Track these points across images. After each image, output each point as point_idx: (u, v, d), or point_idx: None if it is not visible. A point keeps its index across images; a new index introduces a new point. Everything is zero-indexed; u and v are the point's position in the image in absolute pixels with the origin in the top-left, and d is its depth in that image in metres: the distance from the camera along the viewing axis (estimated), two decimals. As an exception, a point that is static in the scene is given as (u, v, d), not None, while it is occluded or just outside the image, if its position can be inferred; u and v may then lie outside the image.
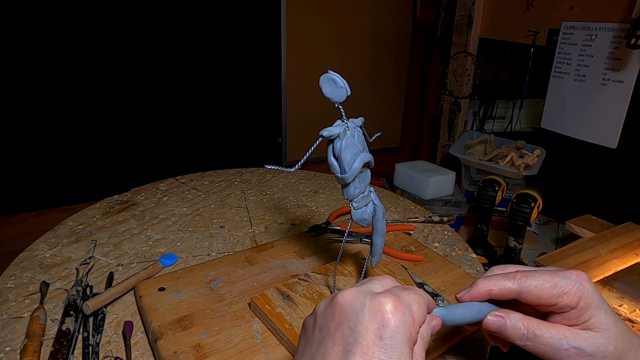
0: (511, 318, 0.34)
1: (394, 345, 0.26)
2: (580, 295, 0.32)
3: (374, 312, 0.27)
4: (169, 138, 1.44)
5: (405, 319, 0.27)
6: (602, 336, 0.32)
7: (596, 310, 0.32)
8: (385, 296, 0.28)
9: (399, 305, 0.27)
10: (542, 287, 0.33)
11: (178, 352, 0.43)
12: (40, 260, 0.61)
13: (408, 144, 2.10)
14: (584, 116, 1.30)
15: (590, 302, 0.32)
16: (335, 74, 0.36)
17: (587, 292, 0.32)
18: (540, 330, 0.33)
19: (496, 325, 0.34)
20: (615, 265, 0.98)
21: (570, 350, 0.32)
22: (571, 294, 0.32)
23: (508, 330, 0.34)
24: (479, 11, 1.60)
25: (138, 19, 1.28)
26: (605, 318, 0.32)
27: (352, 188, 0.40)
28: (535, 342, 0.33)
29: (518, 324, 0.34)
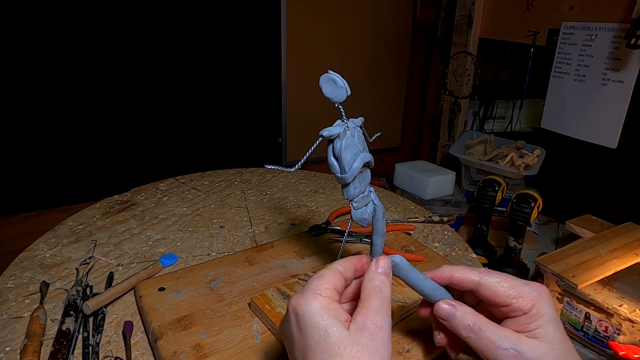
0: (462, 309, 0.35)
1: (310, 326, 0.30)
2: (535, 303, 0.33)
3: (288, 315, 0.33)
4: (169, 138, 1.44)
5: (306, 298, 0.32)
6: (544, 346, 0.32)
7: (546, 323, 0.33)
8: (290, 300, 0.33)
9: (298, 294, 0.32)
10: (501, 284, 0.34)
11: (178, 352, 0.43)
12: (40, 260, 0.61)
13: (408, 144, 2.10)
14: (584, 116, 1.30)
15: (543, 314, 0.33)
16: (335, 74, 0.36)
17: (543, 303, 0.33)
18: (486, 326, 0.34)
19: (446, 312, 0.35)
20: (615, 265, 0.98)
21: (509, 351, 0.32)
22: (526, 299, 0.33)
23: (456, 319, 0.35)
24: (479, 11, 1.61)
25: (138, 19, 1.28)
26: (553, 332, 0.33)
27: (352, 188, 0.40)
28: (478, 336, 0.34)
29: (467, 316, 0.35)
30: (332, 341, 0.30)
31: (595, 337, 0.96)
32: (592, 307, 0.95)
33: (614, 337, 0.92)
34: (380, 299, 0.33)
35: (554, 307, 0.35)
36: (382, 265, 0.35)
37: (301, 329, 0.31)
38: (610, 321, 0.92)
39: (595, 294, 0.94)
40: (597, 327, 0.95)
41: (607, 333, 0.93)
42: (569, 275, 0.95)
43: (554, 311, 0.34)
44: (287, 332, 0.33)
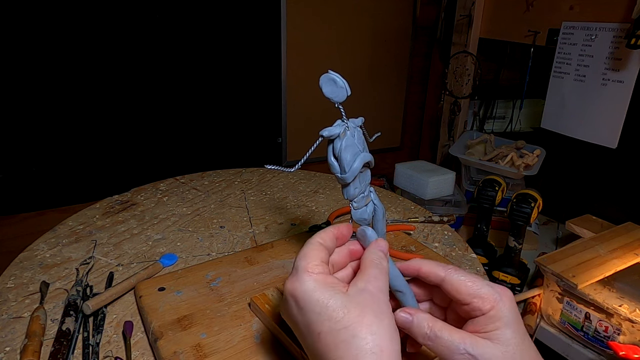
0: (418, 316, 0.36)
1: (309, 303, 0.31)
2: (494, 305, 0.34)
3: (286, 301, 0.33)
4: (169, 138, 1.44)
5: (300, 280, 0.32)
6: (498, 349, 0.33)
7: (503, 326, 0.33)
8: (284, 285, 0.34)
9: (290, 278, 0.33)
10: (464, 283, 0.35)
11: (178, 352, 0.43)
12: (40, 260, 0.61)
13: (408, 144, 2.10)
14: (584, 116, 1.30)
15: (501, 316, 0.34)
16: (335, 74, 0.36)
17: (502, 305, 0.34)
18: (442, 332, 0.34)
19: (403, 320, 0.36)
20: (615, 265, 0.98)
21: (465, 355, 0.33)
22: (486, 300, 0.34)
23: (413, 328, 0.35)
24: (479, 11, 1.61)
25: (138, 19, 1.28)
26: (510, 336, 0.33)
27: (352, 188, 0.40)
28: (435, 343, 0.34)
29: (423, 323, 0.35)
30: (334, 308, 0.31)
31: (595, 337, 0.96)
32: (592, 307, 0.95)
33: (614, 337, 0.92)
34: (379, 269, 0.34)
35: (516, 311, 0.35)
36: (380, 244, 0.37)
37: (301, 308, 0.32)
38: (610, 321, 0.92)
39: (595, 294, 0.94)
40: (597, 327, 0.95)
41: (607, 333, 0.93)
42: (569, 275, 0.95)
43: (514, 315, 0.34)
44: (290, 315, 0.34)
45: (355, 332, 0.30)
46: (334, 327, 0.30)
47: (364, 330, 0.30)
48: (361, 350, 0.29)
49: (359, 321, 0.30)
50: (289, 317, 0.34)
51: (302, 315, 0.32)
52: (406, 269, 0.39)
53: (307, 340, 0.32)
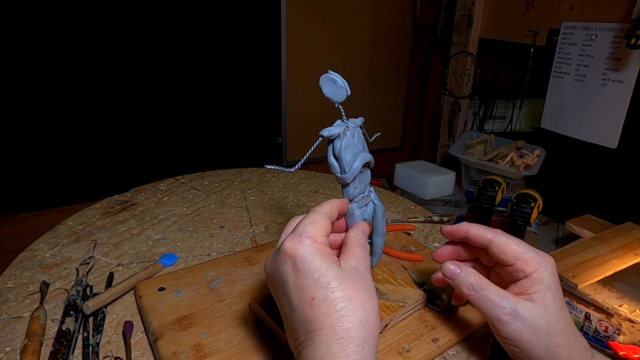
0: (466, 270, 0.39)
1: (308, 268, 0.32)
2: (537, 269, 0.36)
3: (283, 258, 0.34)
4: (169, 138, 1.44)
5: (303, 244, 0.33)
6: (538, 309, 0.35)
7: (545, 288, 0.36)
8: (284, 241, 0.34)
9: (293, 238, 0.34)
10: (510, 245, 0.38)
11: (178, 352, 0.43)
12: (40, 260, 0.61)
13: (408, 144, 2.10)
14: (584, 116, 1.30)
15: (543, 280, 0.36)
16: (335, 74, 0.36)
17: (545, 270, 0.36)
18: (487, 286, 0.37)
19: (451, 271, 0.40)
20: (615, 265, 0.98)
21: (506, 309, 0.36)
22: (530, 263, 0.36)
23: (460, 278, 0.39)
24: (479, 11, 1.60)
25: (138, 19, 1.28)
26: (550, 299, 0.36)
27: (352, 188, 0.40)
28: (479, 294, 0.37)
29: (469, 276, 0.39)
30: (333, 278, 0.32)
31: (595, 337, 0.96)
32: (592, 307, 0.95)
33: (614, 337, 0.92)
34: (365, 250, 0.37)
35: (557, 277, 0.37)
36: (365, 227, 0.40)
37: (298, 270, 0.33)
38: (610, 321, 0.92)
39: (595, 294, 0.94)
40: (597, 327, 0.95)
41: (607, 333, 0.93)
42: (569, 275, 0.95)
43: (554, 280, 0.36)
44: (281, 274, 0.34)
45: (350, 305, 0.31)
46: (329, 296, 0.31)
47: (358, 305, 0.32)
48: (354, 323, 0.31)
49: (354, 296, 0.32)
50: (279, 275, 0.34)
51: (298, 277, 0.33)
52: (455, 231, 0.42)
53: (295, 303, 0.32)
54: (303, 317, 0.32)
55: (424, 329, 0.47)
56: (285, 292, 0.33)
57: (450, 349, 0.47)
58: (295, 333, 0.33)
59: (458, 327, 0.48)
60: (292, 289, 0.33)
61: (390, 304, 0.48)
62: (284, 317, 0.35)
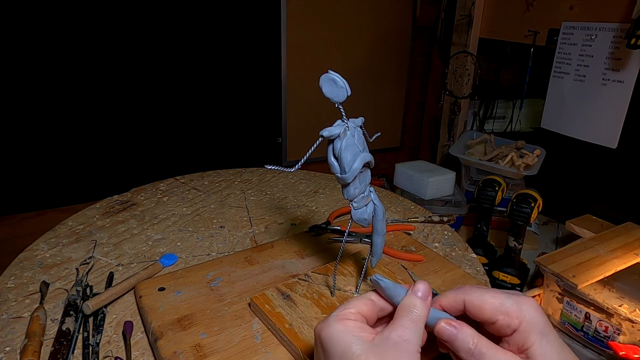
0: (463, 331, 0.34)
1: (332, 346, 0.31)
2: (522, 319, 0.33)
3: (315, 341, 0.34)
4: (169, 138, 1.44)
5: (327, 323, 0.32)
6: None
7: (539, 338, 0.32)
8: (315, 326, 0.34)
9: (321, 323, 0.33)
10: (485, 301, 0.34)
11: (178, 352, 0.43)
12: (40, 260, 0.61)
13: (408, 144, 2.10)
14: (584, 116, 1.30)
15: (533, 329, 0.32)
16: (335, 74, 0.36)
17: (531, 317, 0.33)
18: (487, 349, 0.33)
19: (447, 333, 0.35)
20: (615, 265, 0.98)
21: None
22: (511, 315, 0.33)
23: (457, 341, 0.34)
24: (479, 11, 1.60)
25: (138, 18, 1.28)
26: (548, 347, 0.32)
27: (352, 188, 0.40)
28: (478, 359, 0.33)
29: (467, 338, 0.34)
30: (357, 354, 0.30)
31: (595, 337, 0.96)
32: (592, 307, 0.95)
33: (614, 337, 0.92)
34: (409, 318, 0.33)
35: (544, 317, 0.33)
36: (419, 289, 0.34)
37: (324, 350, 0.32)
38: (610, 321, 0.92)
39: (595, 294, 0.94)
40: (597, 327, 0.95)
41: (607, 333, 0.93)
42: (569, 275, 0.95)
43: (543, 322, 0.33)
44: (315, 353, 0.34)
45: None
46: None
47: None
48: None
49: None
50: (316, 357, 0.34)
51: (326, 356, 0.32)
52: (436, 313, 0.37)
53: None
54: None
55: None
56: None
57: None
58: None
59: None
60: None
61: (390, 304, 0.47)
62: None
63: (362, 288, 0.50)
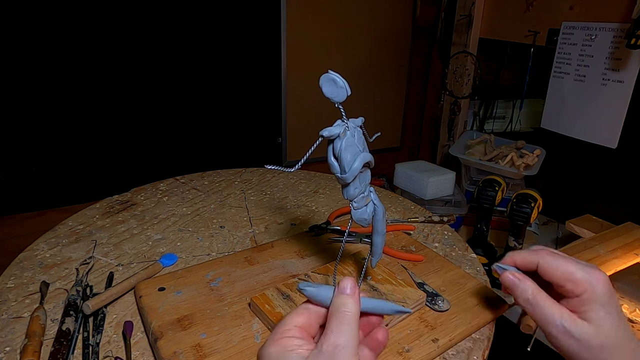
0: (525, 282, 0.40)
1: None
2: (587, 289, 0.37)
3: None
4: (169, 138, 1.44)
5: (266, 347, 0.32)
6: (591, 329, 0.36)
7: (597, 307, 0.36)
8: None
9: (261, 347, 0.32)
10: (558, 268, 0.38)
11: (178, 352, 0.43)
12: (40, 260, 0.61)
13: (408, 144, 2.10)
14: (584, 116, 1.30)
15: (594, 299, 0.36)
16: (335, 74, 0.36)
17: (596, 289, 0.36)
18: (544, 302, 0.38)
19: (510, 281, 0.40)
20: (615, 265, 0.98)
21: (559, 327, 0.37)
22: (579, 284, 0.37)
23: (518, 289, 0.40)
24: (479, 11, 1.60)
25: (138, 18, 1.28)
26: (603, 317, 0.36)
27: (352, 188, 0.40)
28: (534, 309, 0.39)
29: (528, 289, 0.39)
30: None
31: (595, 337, 0.96)
32: (592, 307, 0.95)
33: (614, 337, 0.92)
34: (338, 319, 0.32)
35: (610, 293, 0.37)
36: (346, 286, 0.34)
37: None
38: (610, 321, 0.92)
39: (595, 294, 0.94)
40: (597, 327, 0.95)
41: (607, 333, 0.93)
42: (569, 275, 0.95)
43: (607, 297, 0.37)
44: None
45: None
46: None
47: None
48: None
49: None
50: None
51: None
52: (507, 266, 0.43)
53: None
54: None
55: (424, 329, 0.47)
56: None
57: (450, 349, 0.47)
58: None
59: (458, 327, 0.48)
60: None
61: (390, 304, 0.48)
62: None
63: (362, 288, 0.50)
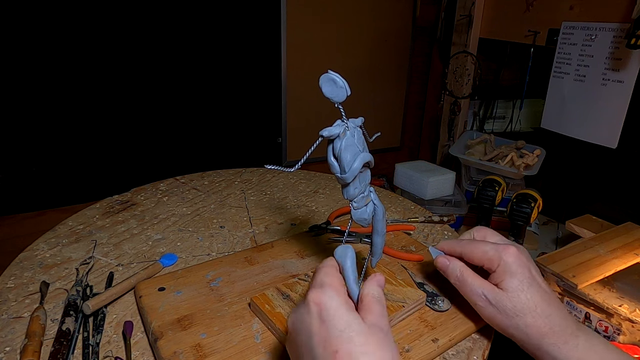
0: (454, 263, 0.48)
1: (332, 318, 0.33)
2: (499, 263, 0.44)
3: (309, 309, 0.34)
4: (169, 138, 1.44)
5: (327, 294, 0.34)
6: (504, 295, 0.43)
7: (508, 276, 0.44)
8: (307, 295, 0.35)
9: (318, 292, 0.35)
10: (476, 252, 0.47)
11: (178, 352, 0.43)
12: (40, 260, 0.61)
13: (408, 144, 2.10)
14: (584, 116, 1.30)
15: (506, 270, 0.44)
16: (335, 74, 0.36)
17: (506, 262, 0.44)
18: (469, 278, 0.46)
19: (441, 264, 0.50)
20: (615, 265, 0.98)
21: (482, 297, 0.45)
22: (493, 260, 0.45)
23: (449, 270, 0.49)
24: (479, 11, 1.60)
25: (138, 19, 1.28)
26: (515, 284, 0.43)
27: (352, 188, 0.40)
28: (462, 284, 0.47)
29: (456, 268, 0.48)
30: (357, 332, 0.32)
31: (595, 337, 0.96)
32: (592, 307, 0.95)
33: (614, 337, 0.92)
34: (381, 306, 0.37)
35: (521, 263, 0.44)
36: (380, 280, 0.39)
37: (324, 321, 0.33)
38: (610, 321, 0.92)
39: (595, 294, 0.94)
40: (597, 327, 0.95)
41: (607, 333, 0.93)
42: (569, 275, 0.95)
43: (518, 265, 0.44)
44: (306, 323, 0.34)
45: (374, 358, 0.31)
46: (353, 349, 0.31)
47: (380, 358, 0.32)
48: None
49: (376, 353, 0.32)
50: (305, 327, 0.34)
51: (323, 327, 0.33)
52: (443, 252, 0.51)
53: (318, 355, 0.32)
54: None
55: (424, 329, 0.47)
56: (308, 343, 0.33)
57: (450, 349, 0.47)
58: None
59: (458, 327, 0.48)
60: (316, 340, 0.33)
61: (390, 304, 0.48)
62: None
63: (362, 288, 0.50)
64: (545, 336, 0.41)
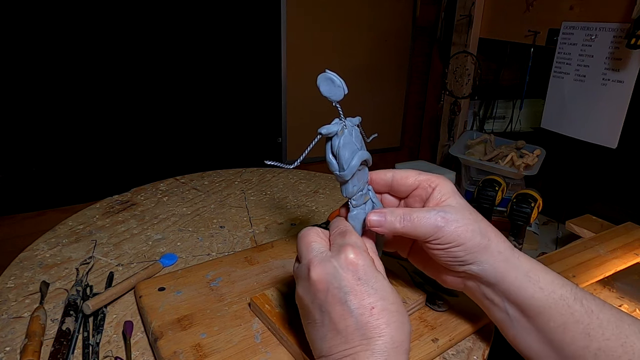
0: (389, 211, 0.40)
1: (369, 277, 0.35)
2: (438, 183, 0.41)
3: (344, 266, 0.35)
4: (169, 138, 1.44)
5: (363, 255, 0.36)
6: (458, 203, 0.40)
7: (451, 193, 0.41)
8: (344, 250, 0.36)
9: (354, 250, 0.36)
10: (409, 173, 0.43)
11: (178, 352, 0.43)
12: (40, 260, 0.61)
13: (408, 144, 2.10)
14: (584, 116, 1.30)
15: (447, 189, 0.41)
16: (333, 73, 0.36)
17: (444, 181, 0.41)
18: (414, 211, 0.39)
19: (377, 220, 0.40)
20: (615, 265, 0.98)
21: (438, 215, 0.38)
22: (431, 180, 0.41)
23: (387, 220, 0.39)
24: (479, 11, 1.60)
25: (138, 19, 1.28)
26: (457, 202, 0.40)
27: (351, 185, 0.40)
28: (412, 221, 0.39)
29: (396, 212, 0.39)
30: (389, 292, 0.35)
31: (596, 337, 0.96)
32: (592, 307, 0.95)
33: (614, 337, 0.92)
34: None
35: (456, 192, 0.41)
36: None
37: (360, 279, 0.35)
38: (610, 321, 0.92)
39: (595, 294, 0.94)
40: (597, 327, 0.95)
41: (607, 333, 0.93)
42: (569, 275, 0.95)
43: (454, 188, 0.41)
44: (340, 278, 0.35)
45: (404, 318, 0.35)
46: (388, 307, 0.34)
47: (407, 319, 0.36)
48: (407, 335, 0.35)
49: (404, 311, 0.36)
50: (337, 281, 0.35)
51: (359, 285, 0.35)
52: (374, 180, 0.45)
53: (353, 309, 0.34)
54: (362, 323, 0.34)
55: (424, 329, 0.47)
56: (341, 298, 0.34)
57: (450, 349, 0.47)
58: (346, 338, 0.34)
59: (458, 327, 0.48)
60: (352, 295, 0.34)
61: (390, 304, 0.47)
62: (331, 322, 0.35)
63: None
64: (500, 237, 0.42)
